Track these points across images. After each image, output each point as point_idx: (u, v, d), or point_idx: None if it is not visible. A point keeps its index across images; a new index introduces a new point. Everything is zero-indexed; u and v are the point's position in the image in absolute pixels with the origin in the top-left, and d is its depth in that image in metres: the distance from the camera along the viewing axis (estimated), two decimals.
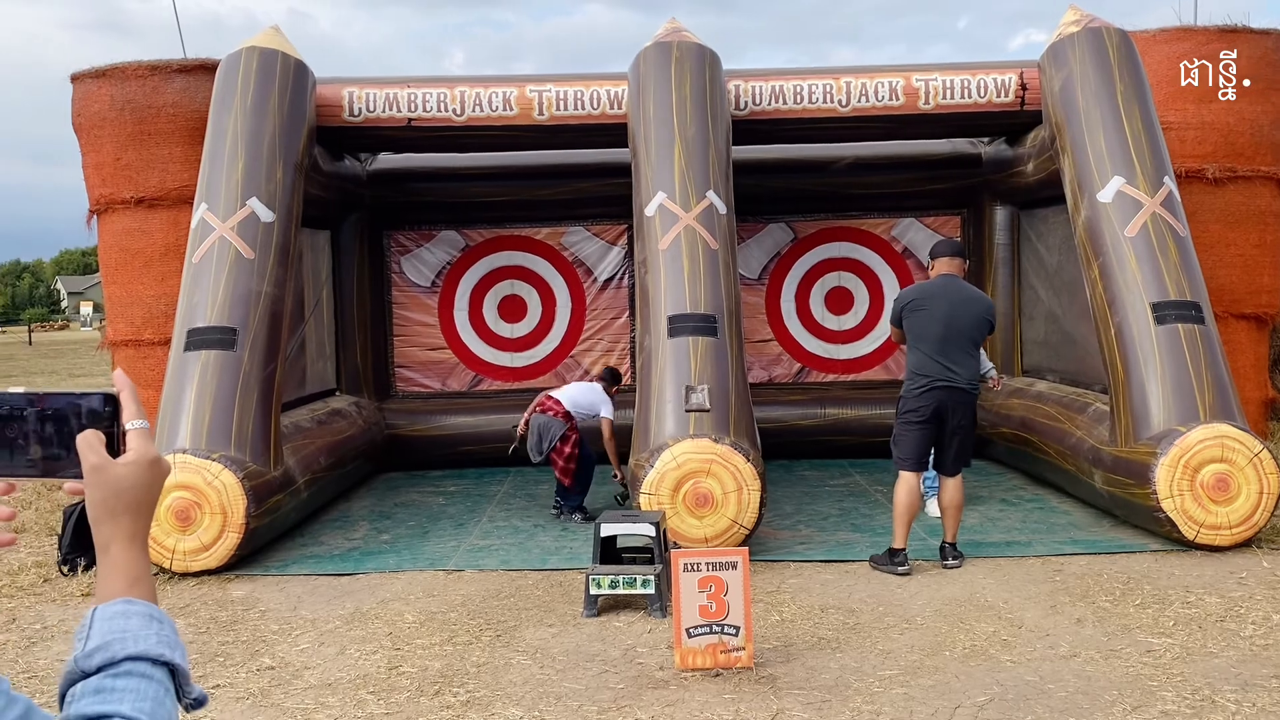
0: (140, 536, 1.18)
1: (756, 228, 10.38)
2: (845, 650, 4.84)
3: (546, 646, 4.98)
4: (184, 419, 6.57)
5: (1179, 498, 6.29)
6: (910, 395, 6.09)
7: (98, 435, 1.16)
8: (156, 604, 1.16)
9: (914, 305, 6.16)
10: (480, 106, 8.60)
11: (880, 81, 8.60)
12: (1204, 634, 4.94)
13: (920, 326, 6.09)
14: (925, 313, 6.09)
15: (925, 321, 6.08)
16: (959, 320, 6.05)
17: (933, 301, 6.12)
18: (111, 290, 10.34)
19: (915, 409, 6.06)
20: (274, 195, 7.47)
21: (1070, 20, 8.26)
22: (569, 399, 7.75)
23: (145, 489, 1.18)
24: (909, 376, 6.14)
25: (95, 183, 10.16)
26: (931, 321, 6.05)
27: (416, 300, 10.38)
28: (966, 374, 6.07)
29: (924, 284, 6.34)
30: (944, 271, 6.26)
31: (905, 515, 6.03)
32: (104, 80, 9.93)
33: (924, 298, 6.17)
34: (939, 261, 6.31)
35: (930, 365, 6.03)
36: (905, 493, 6.06)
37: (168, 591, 6.03)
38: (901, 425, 6.14)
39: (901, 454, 6.14)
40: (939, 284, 6.20)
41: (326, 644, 5.09)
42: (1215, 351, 6.81)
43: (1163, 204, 7.27)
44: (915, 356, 6.11)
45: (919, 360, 6.09)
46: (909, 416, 6.09)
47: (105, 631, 1.10)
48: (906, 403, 6.11)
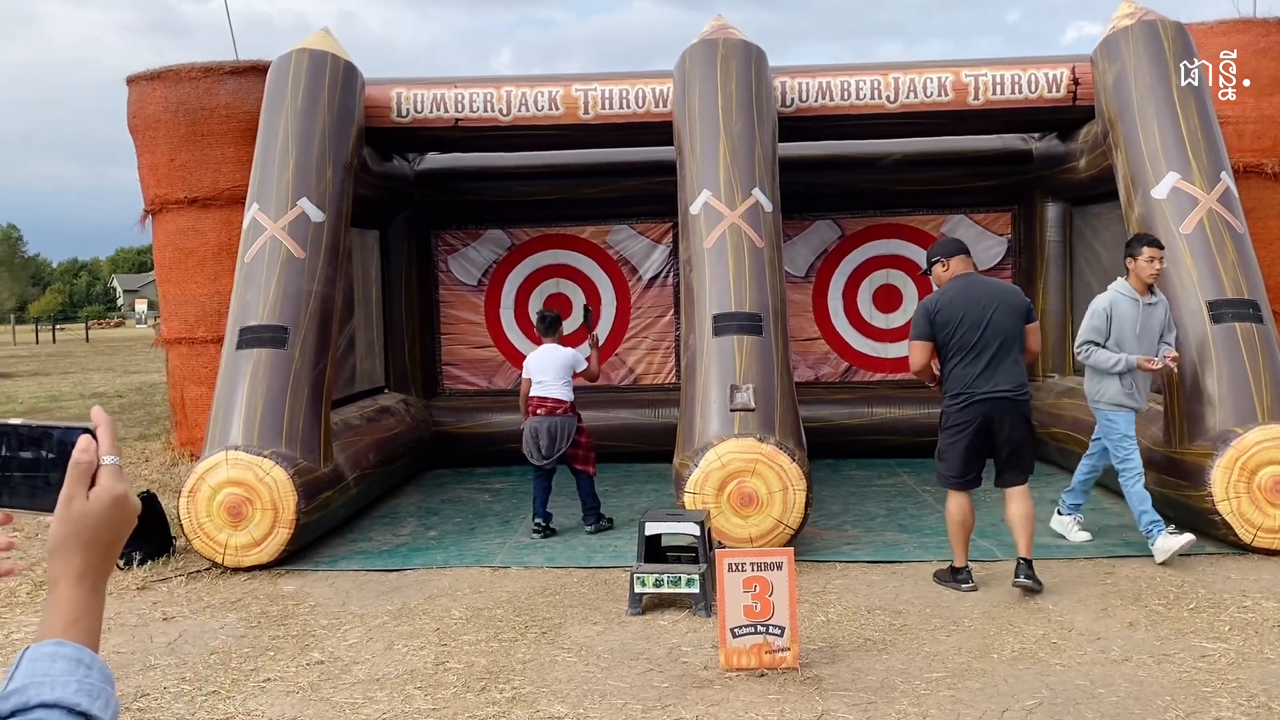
0: (90, 576, 1.13)
1: (803, 225, 10.32)
2: (891, 652, 4.80)
3: (591, 644, 4.99)
4: (236, 416, 6.68)
5: (1235, 500, 6.16)
6: (951, 410, 5.65)
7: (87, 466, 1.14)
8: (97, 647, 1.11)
9: (943, 316, 5.61)
10: (526, 106, 8.64)
11: (929, 77, 8.51)
12: (1260, 639, 4.84)
13: (954, 337, 5.60)
14: (958, 321, 5.59)
15: (959, 330, 5.58)
16: (996, 321, 5.57)
17: (962, 307, 5.59)
18: (166, 289, 10.54)
19: (958, 424, 5.63)
20: (324, 195, 7.57)
21: (1124, 13, 8.12)
22: (556, 385, 7.23)
23: (106, 526, 1.14)
24: (948, 391, 5.68)
25: (150, 183, 10.37)
26: (966, 329, 5.56)
27: (463, 299, 10.45)
28: (1012, 381, 5.58)
29: (945, 289, 5.72)
30: (960, 271, 5.76)
31: (961, 532, 5.67)
32: (158, 82, 10.12)
33: (951, 304, 5.62)
34: (953, 262, 5.78)
35: (970, 377, 5.58)
36: (956, 509, 5.69)
37: (219, 586, 6.13)
38: (945, 441, 5.73)
39: (947, 471, 5.73)
40: (961, 287, 5.68)
41: (375, 639, 5.15)
42: (1274, 351, 6.65)
43: (1219, 200, 7.12)
44: (953, 369, 5.64)
45: (958, 372, 5.62)
46: (951, 432, 5.68)
47: (28, 673, 1.05)
48: (948, 417, 5.69)
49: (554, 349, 7.34)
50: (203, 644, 5.13)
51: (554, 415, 7.16)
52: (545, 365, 7.26)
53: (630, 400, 10.16)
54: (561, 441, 7.14)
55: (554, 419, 7.16)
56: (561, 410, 7.19)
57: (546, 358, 7.30)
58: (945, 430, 5.74)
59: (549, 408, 7.19)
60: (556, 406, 7.18)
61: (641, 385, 10.39)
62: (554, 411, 7.17)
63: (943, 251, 5.87)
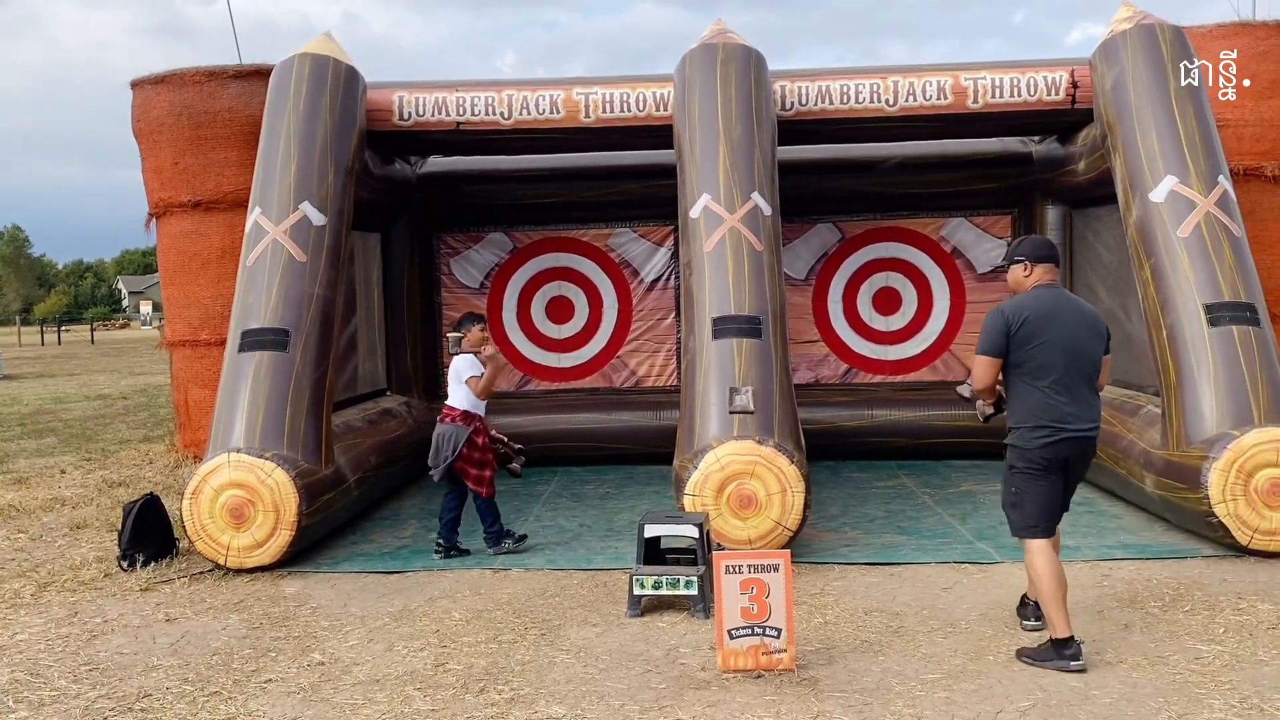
0: None
1: (803, 228, 10.35)
2: (888, 653, 4.83)
3: (590, 646, 5.03)
4: (238, 419, 6.72)
5: (1232, 502, 6.18)
6: (1031, 447, 4.68)
7: None
8: None
9: (1026, 329, 4.66)
10: (527, 109, 8.69)
11: (928, 80, 8.55)
12: (1255, 641, 4.86)
13: (1036, 356, 4.67)
14: (1043, 338, 4.67)
15: (1043, 350, 4.67)
16: (1083, 346, 4.71)
17: (1049, 322, 4.68)
18: (170, 291, 10.61)
19: (1038, 463, 4.69)
20: (326, 199, 7.61)
21: (1122, 17, 8.15)
22: (452, 392, 6.75)
23: None
24: (1024, 422, 4.71)
25: (154, 186, 10.44)
26: (1051, 349, 4.66)
27: (465, 301, 10.50)
28: (1095, 417, 4.76)
29: (1026, 299, 4.76)
30: (1045, 281, 4.81)
31: (1058, 591, 4.64)
32: (163, 86, 10.19)
33: (1036, 317, 4.68)
34: (1038, 268, 4.83)
35: (1055, 409, 4.66)
36: (1046, 564, 4.67)
37: (222, 587, 6.18)
38: (1021, 482, 4.74)
39: (1026, 520, 4.74)
40: (1048, 298, 4.75)
41: (375, 640, 5.19)
42: (1271, 353, 6.68)
43: (1217, 203, 7.15)
44: (1032, 396, 4.69)
45: (1039, 401, 4.68)
46: (1031, 472, 4.71)
47: None
48: (1024, 455, 4.72)
49: (457, 359, 6.82)
50: (205, 645, 5.18)
51: (442, 423, 6.71)
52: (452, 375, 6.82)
53: (632, 403, 10.20)
54: (444, 450, 6.60)
55: (442, 427, 6.69)
56: (450, 418, 6.67)
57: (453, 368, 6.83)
58: (1022, 471, 4.75)
59: (441, 414, 6.77)
60: (446, 414, 6.71)
61: (643, 388, 10.43)
62: (443, 419, 6.72)
63: (1028, 252, 4.89)
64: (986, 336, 4.76)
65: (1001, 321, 4.72)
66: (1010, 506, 4.82)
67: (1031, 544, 4.73)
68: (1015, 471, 4.78)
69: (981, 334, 4.79)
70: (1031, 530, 4.74)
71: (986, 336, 4.76)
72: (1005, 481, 4.86)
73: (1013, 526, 4.84)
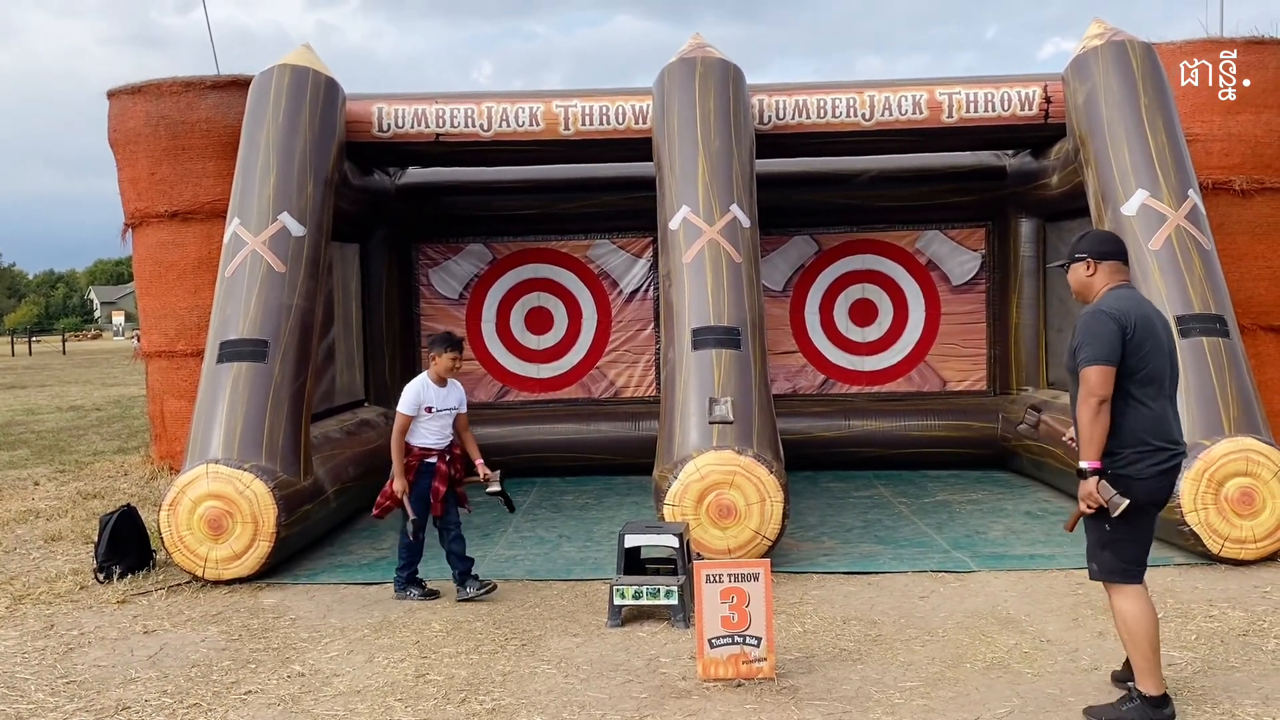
0: None
1: (781, 240, 10.43)
2: (866, 662, 4.88)
3: (571, 656, 5.05)
4: (216, 430, 6.70)
5: (1203, 511, 6.28)
6: (1145, 476, 4.01)
7: None
8: None
9: (1139, 334, 4.02)
10: (507, 122, 8.72)
11: (904, 95, 8.65)
12: (1226, 648, 4.94)
13: (1146, 364, 4.03)
14: (1149, 344, 4.04)
15: (1151, 357, 4.04)
16: (1174, 355, 4.19)
17: (1151, 327, 4.08)
18: (146, 302, 10.55)
19: (1155, 498, 4.07)
20: (305, 210, 7.61)
21: (1094, 33, 8.28)
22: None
23: None
24: (1131, 445, 4.01)
25: (130, 196, 10.38)
26: (1159, 357, 4.06)
27: (444, 312, 10.51)
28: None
29: (1121, 300, 4.11)
30: (1120, 281, 4.21)
31: (1156, 643, 4.06)
32: (139, 96, 10.15)
33: (1140, 318, 4.05)
34: (1104, 266, 4.21)
35: (1166, 427, 4.06)
36: (1146, 612, 4.06)
37: (200, 599, 6.15)
38: (1128, 519, 4.01)
39: (1127, 559, 4.08)
40: (1133, 299, 4.15)
41: (355, 652, 5.19)
42: (1240, 364, 6.79)
43: (1187, 217, 7.27)
44: (1139, 413, 4.02)
45: (1149, 419, 4.03)
46: (1145, 509, 4.06)
47: None
48: (1138, 488, 4.01)
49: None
50: (183, 657, 5.16)
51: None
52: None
53: (611, 413, 10.23)
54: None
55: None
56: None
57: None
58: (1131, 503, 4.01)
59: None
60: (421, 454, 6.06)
61: (622, 398, 10.47)
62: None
63: (1090, 248, 4.27)
64: (1099, 341, 3.98)
65: (1114, 325, 3.99)
66: (1102, 547, 4.09)
67: (1127, 589, 4.07)
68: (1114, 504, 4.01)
69: (1087, 340, 4.02)
70: (1128, 574, 4.08)
71: (1099, 341, 3.98)
72: (1098, 516, 4.06)
73: (1103, 569, 4.12)
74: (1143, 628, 4.03)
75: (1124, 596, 4.08)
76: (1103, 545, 4.10)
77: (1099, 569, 4.15)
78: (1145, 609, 4.06)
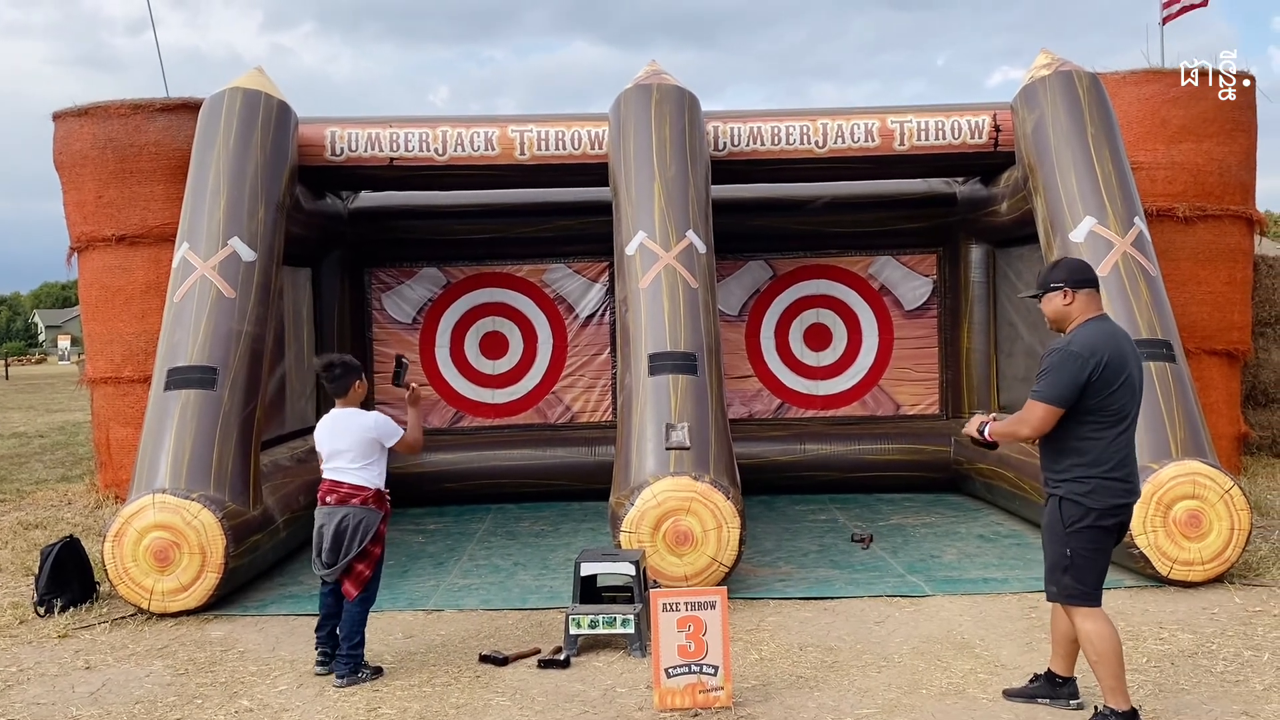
0: None
1: (736, 265, 10.49)
2: (823, 689, 4.87)
3: (526, 687, 4.98)
4: (163, 458, 6.56)
5: (1153, 534, 6.36)
6: (1104, 506, 4.15)
7: None
8: None
9: (1108, 373, 4.10)
10: (462, 146, 8.69)
11: (856, 123, 8.75)
12: (1176, 670, 5.00)
13: (1116, 401, 4.13)
14: (1119, 381, 4.13)
15: (1121, 394, 4.14)
16: (1141, 386, 4.27)
17: (1123, 363, 4.16)
18: (91, 327, 10.34)
19: (1112, 521, 4.20)
20: (255, 235, 7.52)
21: (1042, 63, 8.44)
22: (353, 465, 5.19)
23: None
24: (1092, 474, 4.14)
25: (76, 220, 10.19)
26: (1128, 393, 4.16)
27: (397, 337, 10.41)
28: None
29: (1094, 336, 4.16)
30: (1095, 311, 4.26)
31: (1122, 660, 4.21)
32: (86, 119, 9.98)
33: (1114, 358, 4.13)
34: (1081, 295, 4.25)
35: (1128, 459, 4.19)
36: (1111, 630, 4.20)
37: (145, 633, 6.00)
38: (1086, 542, 4.18)
39: (1086, 584, 4.22)
40: (1107, 333, 4.21)
41: (305, 685, 5.08)
42: (1186, 389, 6.91)
43: (1133, 244, 7.41)
44: (1100, 445, 4.14)
45: (1110, 450, 4.14)
46: (1098, 529, 4.18)
47: None
48: (1093, 512, 4.15)
49: (350, 415, 5.27)
50: (127, 693, 5.02)
51: (347, 505, 5.15)
52: (337, 436, 5.22)
53: (567, 438, 10.18)
54: (352, 543, 5.11)
55: (346, 510, 5.12)
56: (359, 499, 5.17)
57: (338, 427, 5.25)
58: (1088, 529, 4.16)
59: (341, 495, 5.16)
60: (352, 494, 5.16)
61: (578, 423, 10.42)
62: (347, 500, 5.15)
63: (1066, 277, 4.28)
64: (1059, 383, 4.08)
65: (1078, 366, 4.06)
66: (1062, 570, 4.20)
67: (1091, 610, 4.21)
68: (1077, 530, 4.16)
69: (1049, 378, 4.11)
70: (1089, 596, 4.21)
71: (1059, 383, 4.08)
72: (1056, 541, 4.21)
73: (1063, 592, 4.24)
74: (1109, 646, 4.16)
75: (1088, 618, 4.22)
76: (1064, 569, 4.23)
77: (1058, 591, 4.28)
78: (1109, 628, 4.20)
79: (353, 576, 5.13)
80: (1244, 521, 6.37)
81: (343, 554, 5.09)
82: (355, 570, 5.13)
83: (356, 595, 5.12)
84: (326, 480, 5.22)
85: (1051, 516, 4.26)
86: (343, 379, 5.28)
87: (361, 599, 5.15)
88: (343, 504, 5.14)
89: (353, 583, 5.13)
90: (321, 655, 5.23)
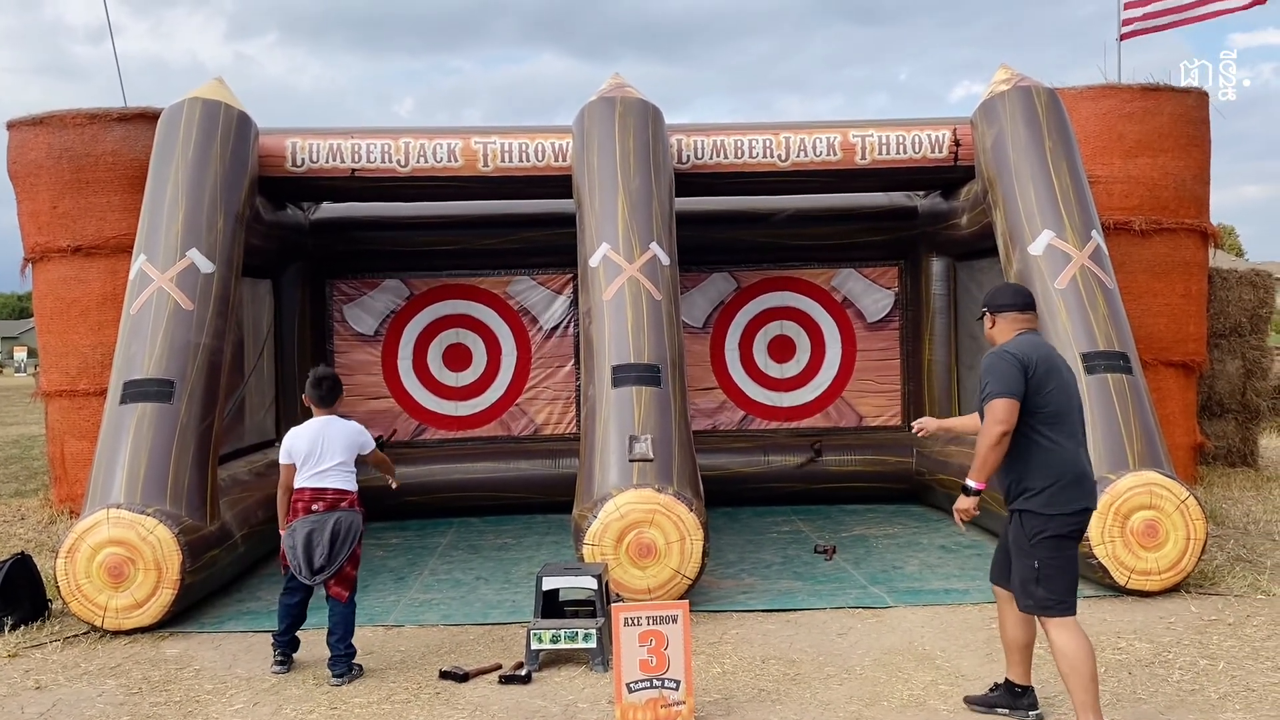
0: None
1: (700, 277, 10.51)
2: (785, 702, 4.86)
3: (486, 703, 4.94)
4: (119, 472, 6.45)
5: (1110, 544, 6.43)
6: (1066, 512, 4.23)
7: None
8: None
9: (1040, 373, 4.29)
10: (425, 157, 8.65)
11: (819, 137, 8.80)
12: (1133, 679, 5.04)
13: (1052, 401, 4.29)
14: (1053, 383, 4.31)
15: (1054, 394, 4.30)
16: (1077, 393, 4.45)
17: (1049, 366, 4.34)
18: (46, 339, 10.17)
19: (1069, 528, 4.26)
20: (214, 246, 7.43)
21: (1001, 79, 8.54)
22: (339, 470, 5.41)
23: None
24: (1048, 483, 4.24)
25: (31, 230, 10.03)
26: (1063, 395, 4.33)
27: (359, 349, 10.33)
28: None
29: (1022, 343, 4.39)
30: (1022, 328, 4.50)
31: (1096, 675, 4.20)
32: (41, 128, 9.84)
33: (1041, 359, 4.33)
34: (1002, 318, 4.55)
35: (1077, 462, 4.31)
36: (1084, 641, 4.20)
37: (98, 651, 5.88)
38: (1051, 552, 4.22)
39: (1058, 594, 4.23)
40: (1034, 343, 4.42)
41: (262, 703, 5.00)
42: (1143, 400, 7.00)
43: (1091, 257, 7.50)
44: (1049, 451, 4.26)
45: (1058, 456, 4.27)
46: (1062, 537, 4.24)
47: None
48: (1054, 521, 4.23)
49: (337, 422, 5.49)
50: (78, 713, 4.92)
51: (336, 509, 5.34)
52: (326, 443, 5.40)
53: (531, 451, 10.14)
54: (343, 545, 5.30)
55: (337, 515, 5.32)
56: (346, 503, 5.38)
57: (327, 433, 5.43)
58: (1050, 538, 4.23)
59: (329, 500, 5.34)
60: (339, 499, 5.36)
61: (542, 435, 10.38)
62: (336, 505, 5.34)
63: (989, 302, 4.64)
64: (1003, 378, 4.25)
65: (1016, 362, 4.27)
66: (1034, 582, 4.23)
67: (1065, 622, 4.20)
68: (1041, 540, 4.21)
69: (993, 376, 4.29)
70: (1063, 606, 4.21)
71: (1003, 378, 4.25)
72: (1024, 555, 4.27)
73: (1039, 604, 4.25)
74: (1082, 659, 4.15)
75: (1062, 630, 4.21)
76: (1035, 581, 4.26)
77: (1034, 604, 4.30)
78: (1084, 641, 4.20)
79: (341, 579, 5.37)
80: (1200, 531, 6.45)
81: (335, 557, 5.32)
82: (343, 572, 5.38)
83: (348, 596, 5.39)
84: (308, 489, 5.39)
85: (1016, 532, 4.35)
86: (331, 393, 5.59)
87: (350, 599, 5.42)
88: (332, 509, 5.37)
89: (342, 585, 5.37)
90: (281, 656, 5.47)
